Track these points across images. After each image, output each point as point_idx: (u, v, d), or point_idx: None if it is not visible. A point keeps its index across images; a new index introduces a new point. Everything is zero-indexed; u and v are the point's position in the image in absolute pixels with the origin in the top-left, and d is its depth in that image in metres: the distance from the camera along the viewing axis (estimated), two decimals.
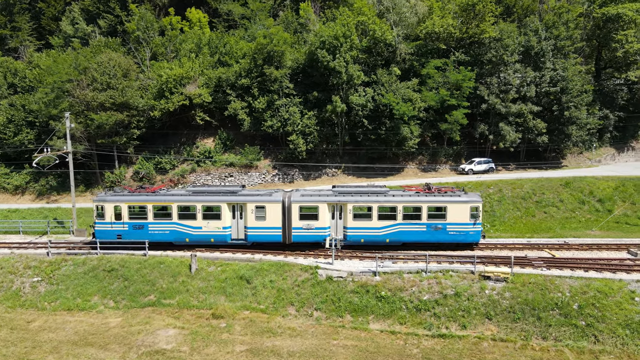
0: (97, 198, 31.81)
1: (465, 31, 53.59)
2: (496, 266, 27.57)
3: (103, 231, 31.43)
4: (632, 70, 56.34)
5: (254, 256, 30.63)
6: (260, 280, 28.33)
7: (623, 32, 54.36)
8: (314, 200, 30.49)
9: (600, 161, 57.99)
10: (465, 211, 30.23)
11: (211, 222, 30.76)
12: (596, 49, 60.03)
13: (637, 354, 21.52)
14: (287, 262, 29.47)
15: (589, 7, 59.40)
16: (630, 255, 29.92)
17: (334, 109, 49.58)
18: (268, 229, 30.65)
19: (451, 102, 50.56)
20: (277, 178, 52.41)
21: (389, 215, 30.45)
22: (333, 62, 48.61)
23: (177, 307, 27.46)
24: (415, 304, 25.50)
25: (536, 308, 24.11)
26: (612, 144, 60.44)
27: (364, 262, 29.58)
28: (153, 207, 30.93)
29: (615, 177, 46.03)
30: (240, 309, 26.93)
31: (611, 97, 58.25)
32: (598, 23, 56.98)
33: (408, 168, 54.11)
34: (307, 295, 27.03)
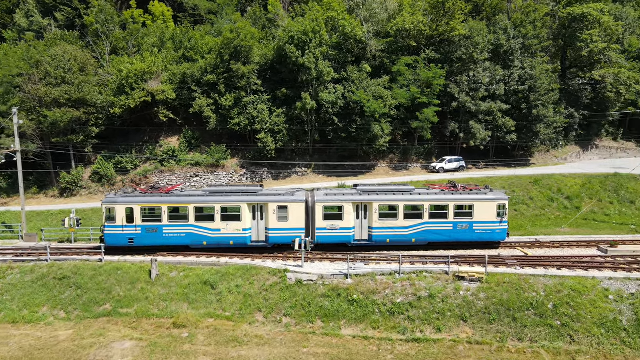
0: (106, 200, 29.32)
1: (435, 29, 53.23)
2: (470, 266, 26.88)
3: (113, 235, 29.05)
4: (596, 70, 57.40)
5: (219, 260, 28.97)
6: (225, 285, 26.73)
7: (588, 32, 55.23)
8: (338, 200, 29.29)
9: (566, 159, 58.84)
10: (492, 209, 29.63)
11: (230, 224, 29.10)
12: (562, 48, 60.93)
13: (614, 354, 21.13)
14: (254, 266, 27.96)
15: (555, 6, 60.23)
16: (600, 252, 29.85)
17: (303, 106, 48.28)
18: (290, 230, 29.14)
19: (422, 100, 50.11)
20: (245, 178, 50.68)
21: (415, 214, 29.54)
22: (302, 58, 47.28)
23: (135, 317, 25.54)
24: (389, 307, 24.48)
25: (511, 308, 23.48)
26: (578, 142, 61.48)
27: (335, 264, 28.39)
28: (168, 208, 28.89)
29: (582, 175, 46.57)
30: (204, 316, 25.27)
31: (576, 96, 59.19)
32: (564, 23, 57.78)
33: (379, 166, 53.37)
34: (275, 300, 25.62)
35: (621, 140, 64.32)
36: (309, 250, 28.01)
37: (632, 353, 21.07)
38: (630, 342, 21.48)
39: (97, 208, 42.42)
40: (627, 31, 61.06)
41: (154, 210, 28.98)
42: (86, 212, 40.74)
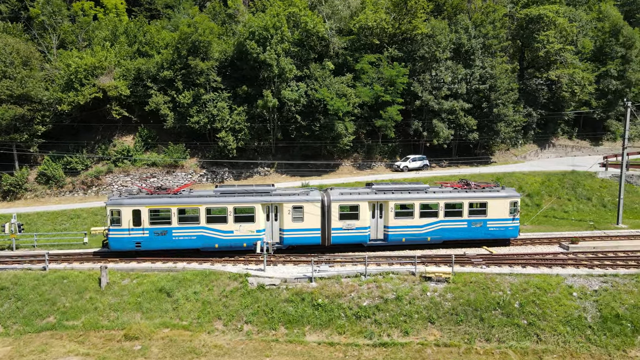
0: (111, 201, 27.29)
1: (398, 27, 53.05)
2: (437, 266, 26.39)
3: (119, 239, 27.21)
4: (552, 70, 58.86)
5: (176, 265, 27.27)
6: (182, 292, 25.10)
7: (544, 33, 56.52)
8: (354, 199, 28.53)
9: (525, 157, 60.06)
10: (505, 206, 29.58)
11: (244, 225, 27.80)
12: (520, 49, 62.19)
13: (580, 352, 21.04)
14: (213, 271, 26.45)
15: (513, 8, 61.39)
16: (562, 249, 30.08)
17: (265, 104, 46.90)
18: (306, 231, 28.21)
19: (385, 98, 49.75)
20: (205, 178, 48.76)
21: (430, 213, 29.17)
22: (263, 55, 45.90)
23: (83, 329, 23.54)
24: (355, 310, 23.59)
25: (478, 309, 23.08)
26: (536, 140, 62.93)
27: (299, 267, 27.27)
28: (178, 210, 27.37)
29: (541, 172, 47.45)
30: (159, 326, 23.57)
31: (534, 96, 60.54)
32: (521, 24, 58.95)
33: (343, 165, 52.65)
34: (236, 307, 24.24)
35: (576, 138, 66.37)
36: (272, 253, 26.78)
37: (597, 350, 21.05)
38: (595, 340, 21.47)
39: (44, 212, 39.64)
40: (581, 33, 63.05)
41: (162, 212, 27.47)
42: (31, 217, 37.92)
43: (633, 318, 22.02)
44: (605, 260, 27.35)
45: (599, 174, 46.84)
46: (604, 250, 29.35)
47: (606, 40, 64.47)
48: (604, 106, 64.42)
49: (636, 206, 42.47)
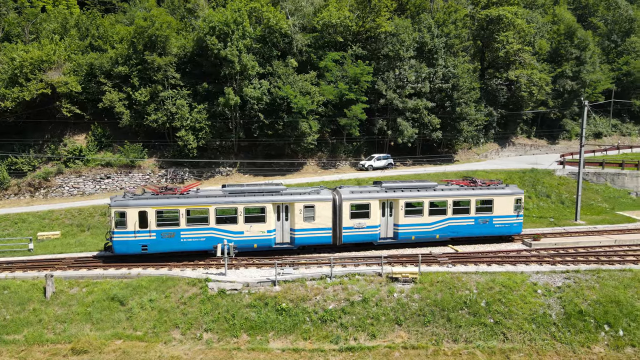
0: (115, 202, 25.92)
1: (362, 25, 52.71)
2: (403, 266, 25.91)
3: (124, 242, 25.87)
4: (512, 70, 60.07)
5: (130, 271, 25.60)
6: (137, 300, 23.54)
7: (504, 34, 57.58)
8: (365, 197, 28.24)
9: (486, 156, 61.05)
10: (510, 203, 30.10)
11: (254, 226, 27.11)
12: (480, 49, 63.20)
13: (545, 350, 20.98)
14: (171, 276, 24.99)
15: (473, 9, 62.32)
16: (525, 246, 30.31)
17: (226, 101, 45.40)
18: (317, 231, 27.77)
19: (350, 97, 49.27)
20: (164, 179, 46.74)
21: (439, 210, 29.23)
22: (224, 51, 44.40)
23: (25, 344, 21.62)
24: (320, 314, 22.74)
25: (445, 309, 22.71)
26: (496, 139, 64.11)
27: (262, 270, 26.18)
28: (186, 211, 26.31)
29: (503, 170, 48.11)
30: (111, 338, 21.95)
31: (494, 96, 61.61)
32: (482, 24, 59.87)
33: (308, 165, 51.79)
34: (195, 314, 22.91)
35: (534, 137, 68.15)
36: (233, 256, 25.56)
37: (562, 348, 21.06)
38: (560, 337, 21.48)
39: None
40: (538, 35, 64.73)
41: (170, 213, 26.33)
42: None
43: (595, 314, 22.20)
44: (566, 256, 27.64)
45: (557, 172, 47.98)
46: (565, 247, 29.77)
47: (561, 42, 66.52)
48: (560, 106, 66.44)
49: (592, 202, 43.66)
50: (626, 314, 22.08)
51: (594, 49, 68.79)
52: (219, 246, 25.12)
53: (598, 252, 28.43)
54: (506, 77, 60.35)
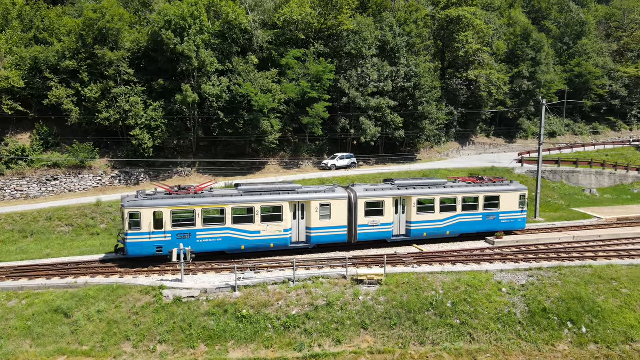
0: (129, 203, 24.89)
1: (324, 22, 51.95)
2: (368, 267, 25.24)
3: (139, 244, 24.89)
4: (471, 70, 60.95)
5: (76, 280, 23.70)
6: (84, 311, 21.73)
7: (464, 34, 58.28)
8: (379, 195, 28.35)
9: (448, 155, 61.66)
10: (515, 199, 30.99)
11: (271, 225, 26.63)
12: (441, 49, 63.81)
13: (511, 349, 20.78)
14: (122, 285, 23.27)
15: (434, 9, 62.84)
16: (488, 244, 30.34)
17: (184, 99, 43.50)
18: (333, 229, 27.64)
19: (312, 95, 48.40)
20: (117, 180, 44.30)
21: (449, 207, 29.78)
22: (181, 46, 42.50)
23: None
24: (283, 320, 21.69)
25: (412, 310, 22.16)
26: (457, 138, 64.93)
27: (222, 275, 24.86)
28: (202, 211, 25.56)
29: (464, 169, 48.57)
30: (54, 354, 20.10)
31: (454, 95, 62.39)
32: (442, 24, 60.43)
33: (270, 164, 50.53)
34: (148, 325, 21.35)
35: (493, 136, 69.51)
36: (190, 261, 24.11)
37: (528, 346, 20.92)
38: (525, 336, 21.36)
39: None
40: (495, 36, 66.04)
41: (186, 214, 25.58)
42: None
43: (559, 311, 22.25)
44: (529, 254, 27.83)
45: (516, 170, 48.87)
46: (526, 244, 30.02)
47: (518, 43, 68.12)
48: (517, 106, 68.04)
49: (549, 200, 44.65)
50: (588, 311, 22.24)
51: (548, 50, 70.92)
52: (174, 251, 23.62)
53: (558, 249, 28.77)
54: (466, 77, 61.21)
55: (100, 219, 35.66)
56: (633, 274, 24.59)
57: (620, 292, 23.34)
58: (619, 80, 77.39)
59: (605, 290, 23.35)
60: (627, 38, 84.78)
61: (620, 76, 77.28)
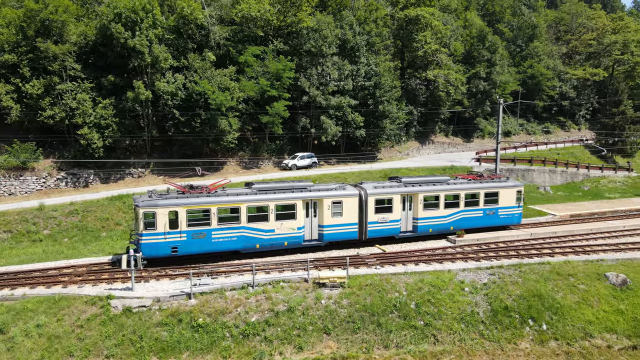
0: (144, 202, 24.12)
1: (283, 19, 50.97)
2: (330, 269, 24.48)
3: (154, 245, 24.16)
4: (430, 70, 61.60)
5: (13, 292, 21.67)
6: (21, 326, 19.80)
7: (422, 34, 58.77)
8: (388, 192, 28.71)
9: (408, 154, 62.04)
10: (513, 195, 31.98)
11: (285, 223, 26.43)
12: (400, 49, 64.16)
13: (475, 349, 20.57)
14: (65, 295, 21.46)
15: (393, 9, 63.09)
16: (449, 243, 30.27)
17: (136, 96, 41.42)
18: (344, 226, 27.78)
19: (272, 93, 47.32)
20: (64, 182, 41.62)
21: (453, 203, 30.38)
22: (133, 40, 40.42)
23: None
24: (242, 328, 20.59)
25: (375, 313, 21.59)
26: (417, 138, 65.49)
27: (176, 281, 23.44)
28: (218, 209, 25.13)
29: (424, 168, 48.85)
30: None
31: (414, 95, 62.88)
32: (401, 24, 60.73)
33: (228, 165, 49.03)
34: (94, 339, 19.70)
35: (451, 135, 70.67)
36: (141, 267, 22.58)
37: (491, 346, 20.78)
38: (488, 335, 21.23)
39: None
40: (453, 37, 67.14)
41: (201, 213, 25.09)
42: None
43: (520, 309, 22.29)
44: (489, 252, 27.93)
45: (475, 169, 49.61)
46: (486, 242, 30.17)
47: (474, 44, 69.58)
48: (474, 105, 69.44)
49: None
50: (548, 307, 22.40)
51: (502, 52, 72.85)
52: (124, 257, 22.04)
53: (517, 247, 29.07)
54: (425, 77, 61.80)
55: (44, 224, 33.23)
56: (588, 270, 25.07)
57: (577, 287, 23.70)
58: (568, 82, 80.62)
59: (563, 287, 23.64)
60: (575, 41, 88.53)
61: (569, 78, 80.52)
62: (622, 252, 28.16)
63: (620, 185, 53.58)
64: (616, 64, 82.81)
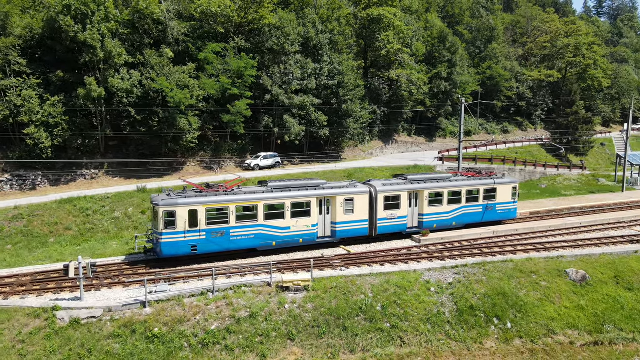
0: (164, 201, 24.07)
1: (244, 16, 49.74)
2: (294, 272, 23.70)
3: (174, 244, 24.20)
4: (393, 70, 61.82)
5: None
6: None
7: (385, 34, 58.86)
8: (396, 189, 29.55)
9: (372, 153, 62.00)
10: (509, 191, 33.30)
11: (300, 220, 26.86)
12: (364, 48, 64.08)
13: (442, 350, 20.28)
14: (5, 308, 19.73)
15: (355, 9, 62.94)
16: (414, 243, 30.07)
17: (88, 93, 39.24)
18: (356, 223, 28.46)
19: (233, 92, 46.05)
20: (8, 185, 38.94)
21: (455, 200, 31.41)
22: (83, 34, 38.24)
23: None
24: (201, 337, 19.49)
25: (341, 317, 20.97)
26: (380, 137, 65.59)
27: (130, 289, 22.04)
28: (236, 208, 25.41)
29: (388, 167, 48.82)
30: None
31: (377, 94, 62.91)
32: (364, 23, 60.62)
33: (189, 165, 47.35)
34: (37, 355, 18.13)
35: (414, 135, 71.23)
36: (90, 275, 21.05)
37: (457, 346, 20.56)
38: (454, 335, 21.01)
39: None
40: (414, 37, 67.69)
41: (220, 211, 25.23)
42: None
43: (485, 308, 22.22)
44: (454, 250, 27.89)
45: (438, 167, 50.01)
46: (451, 241, 30.14)
47: (435, 45, 70.41)
48: (436, 105, 70.27)
49: None
50: (512, 305, 22.45)
51: (462, 52, 74.13)
52: (71, 265, 20.49)
53: (480, 245, 29.21)
54: (388, 77, 61.95)
55: None
56: (550, 267, 25.38)
57: (540, 284, 23.90)
58: (525, 83, 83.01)
59: (526, 284, 23.79)
60: (531, 44, 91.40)
61: (526, 79, 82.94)
62: (580, 248, 28.78)
63: (575, 183, 55.42)
64: (569, 66, 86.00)
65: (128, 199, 35.91)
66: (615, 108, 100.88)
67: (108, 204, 35.15)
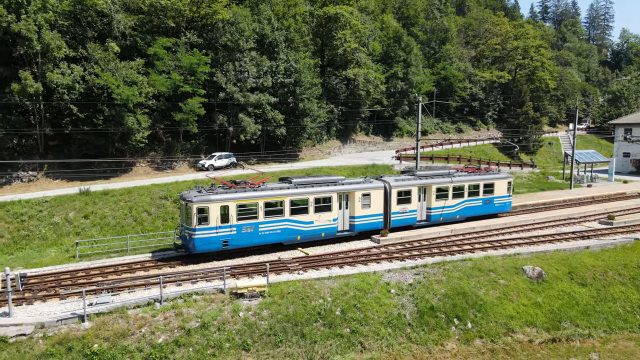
0: (196, 198, 24.37)
1: (196, 10, 47.75)
2: (249, 277, 22.47)
3: (207, 239, 24.61)
4: (350, 69, 61.45)
5: None
6: None
7: (342, 32, 58.37)
8: (407, 185, 31.08)
9: (330, 153, 61.38)
10: (505, 185, 35.38)
11: (322, 215, 27.96)
12: (320, 47, 63.36)
13: (403, 354, 19.65)
14: None
15: (312, 7, 62.13)
16: (374, 243, 29.48)
17: (23, 89, 36.30)
18: (372, 217, 29.75)
19: (185, 89, 44.08)
20: None
21: (459, 194, 33.15)
22: (17, 25, 35.34)
23: None
24: (147, 352, 17.92)
25: (299, 323, 19.94)
26: (338, 136, 65.08)
27: (67, 302, 20.11)
28: (264, 203, 26.04)
29: (346, 167, 48.25)
30: None
31: (334, 93, 62.33)
32: (321, 21, 59.90)
33: (138, 166, 44.90)
34: None
35: (372, 134, 71.24)
36: (20, 289, 18.98)
37: (419, 349, 19.99)
38: (415, 338, 20.43)
39: None
40: (371, 37, 67.66)
41: (249, 207, 25.79)
42: None
43: (445, 308, 21.83)
44: (413, 250, 27.51)
45: (395, 167, 49.96)
46: (410, 240, 29.79)
47: (391, 45, 70.67)
48: (392, 105, 70.55)
49: None
50: (472, 305, 22.18)
51: (417, 52, 74.89)
52: None
53: (439, 244, 29.00)
54: (345, 75, 61.50)
55: None
56: (507, 264, 25.40)
57: (498, 283, 23.82)
58: (478, 84, 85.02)
59: (485, 283, 23.64)
60: (483, 46, 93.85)
61: (478, 80, 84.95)
62: (535, 245, 29.13)
63: (527, 180, 56.98)
64: (518, 68, 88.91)
65: (69, 202, 33.36)
66: (561, 109, 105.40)
67: (46, 208, 32.50)
